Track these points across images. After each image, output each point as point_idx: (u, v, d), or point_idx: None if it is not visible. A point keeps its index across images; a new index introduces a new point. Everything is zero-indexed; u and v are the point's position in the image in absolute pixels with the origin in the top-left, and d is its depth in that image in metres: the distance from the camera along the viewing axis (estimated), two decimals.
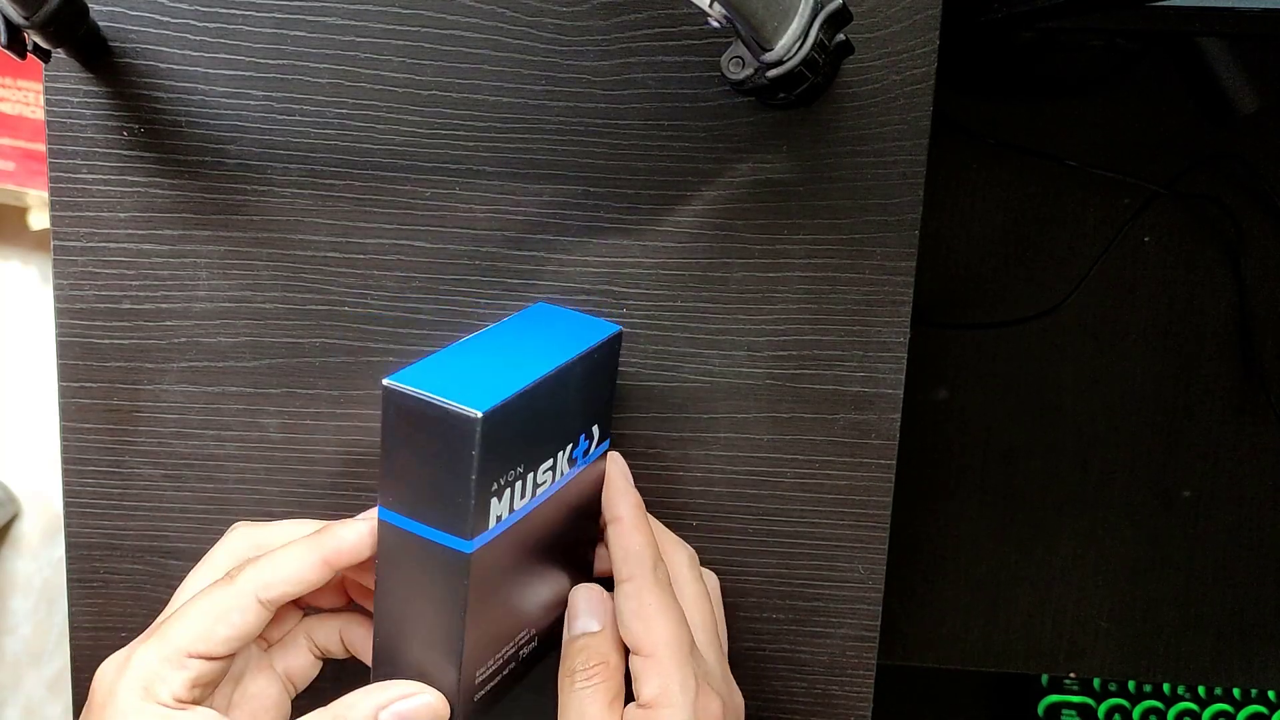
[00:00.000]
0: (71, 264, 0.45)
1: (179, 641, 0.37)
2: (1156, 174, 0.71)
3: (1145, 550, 0.75)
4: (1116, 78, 0.71)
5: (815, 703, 0.48)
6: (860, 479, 0.47)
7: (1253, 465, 0.74)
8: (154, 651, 0.38)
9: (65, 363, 0.46)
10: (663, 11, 0.44)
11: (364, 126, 0.45)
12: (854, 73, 0.44)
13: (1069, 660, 0.76)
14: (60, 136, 0.44)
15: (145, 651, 0.38)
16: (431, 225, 0.45)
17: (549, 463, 0.39)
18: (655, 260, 0.45)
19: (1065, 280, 0.73)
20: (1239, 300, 0.73)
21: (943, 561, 0.75)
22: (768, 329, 0.46)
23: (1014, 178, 0.73)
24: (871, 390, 0.46)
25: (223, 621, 0.38)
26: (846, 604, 0.48)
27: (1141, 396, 0.74)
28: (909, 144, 0.44)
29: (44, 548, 1.30)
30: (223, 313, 0.46)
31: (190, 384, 0.46)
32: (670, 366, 0.46)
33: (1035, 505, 0.75)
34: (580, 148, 0.45)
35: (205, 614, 0.38)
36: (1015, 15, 0.54)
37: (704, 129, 0.44)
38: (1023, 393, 0.74)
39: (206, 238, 0.45)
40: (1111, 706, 0.81)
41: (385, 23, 0.44)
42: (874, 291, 0.45)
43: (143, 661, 0.37)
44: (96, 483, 0.47)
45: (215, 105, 0.44)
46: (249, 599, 0.38)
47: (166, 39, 0.44)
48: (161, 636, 0.38)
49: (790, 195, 0.45)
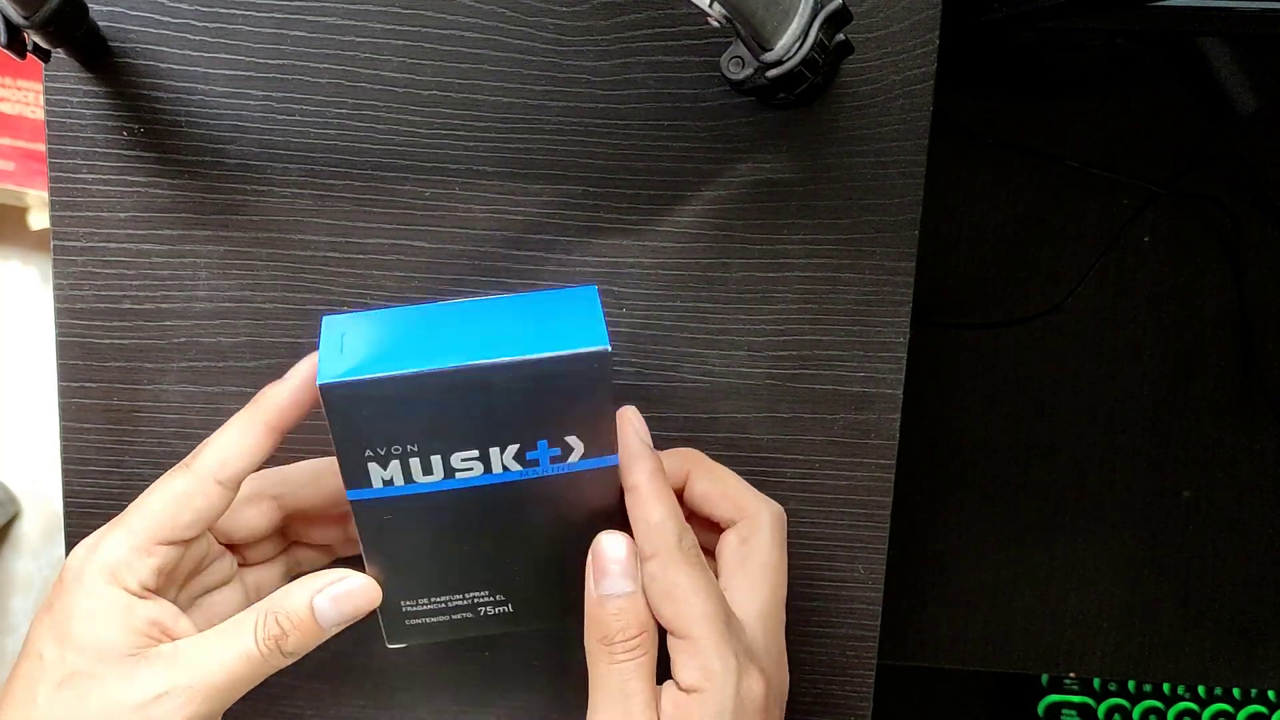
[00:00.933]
0: (71, 264, 0.45)
1: (145, 529, 0.38)
2: (1156, 174, 0.71)
3: (1145, 550, 0.75)
4: (1116, 78, 0.71)
5: (815, 703, 0.48)
6: (860, 479, 0.47)
7: (1252, 465, 0.74)
8: (122, 539, 0.38)
9: (65, 363, 0.46)
10: (663, 11, 0.44)
11: (364, 126, 0.45)
12: (854, 73, 0.44)
13: (1069, 660, 0.76)
14: (60, 136, 0.44)
15: (113, 539, 0.38)
16: (431, 225, 0.45)
17: (470, 453, 0.38)
18: (655, 260, 0.45)
19: (1065, 280, 0.73)
20: (1239, 300, 0.73)
21: (943, 561, 0.75)
22: (768, 329, 0.46)
23: (1014, 178, 0.73)
24: (872, 390, 0.46)
25: (185, 507, 0.38)
26: (846, 604, 0.48)
27: (1141, 396, 0.74)
28: (909, 144, 0.44)
29: (44, 548, 1.30)
30: (222, 313, 0.46)
31: (190, 384, 0.46)
32: (670, 366, 0.46)
33: (1035, 505, 0.75)
34: (580, 148, 0.45)
35: (167, 501, 0.39)
36: (1015, 15, 0.54)
37: (704, 129, 0.44)
38: (1023, 393, 0.74)
39: (206, 238, 0.45)
40: (1111, 706, 0.81)
41: (385, 23, 0.44)
42: (874, 291, 0.45)
43: (110, 548, 0.38)
44: (96, 483, 0.47)
45: (215, 105, 0.44)
46: (208, 482, 0.39)
47: (166, 39, 0.44)
48: (127, 525, 0.39)
49: (790, 195, 0.45)
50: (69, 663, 0.37)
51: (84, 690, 0.37)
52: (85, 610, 0.38)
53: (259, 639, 0.38)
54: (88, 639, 0.37)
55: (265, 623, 0.38)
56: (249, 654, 0.38)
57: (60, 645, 0.37)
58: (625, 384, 0.46)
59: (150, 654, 0.37)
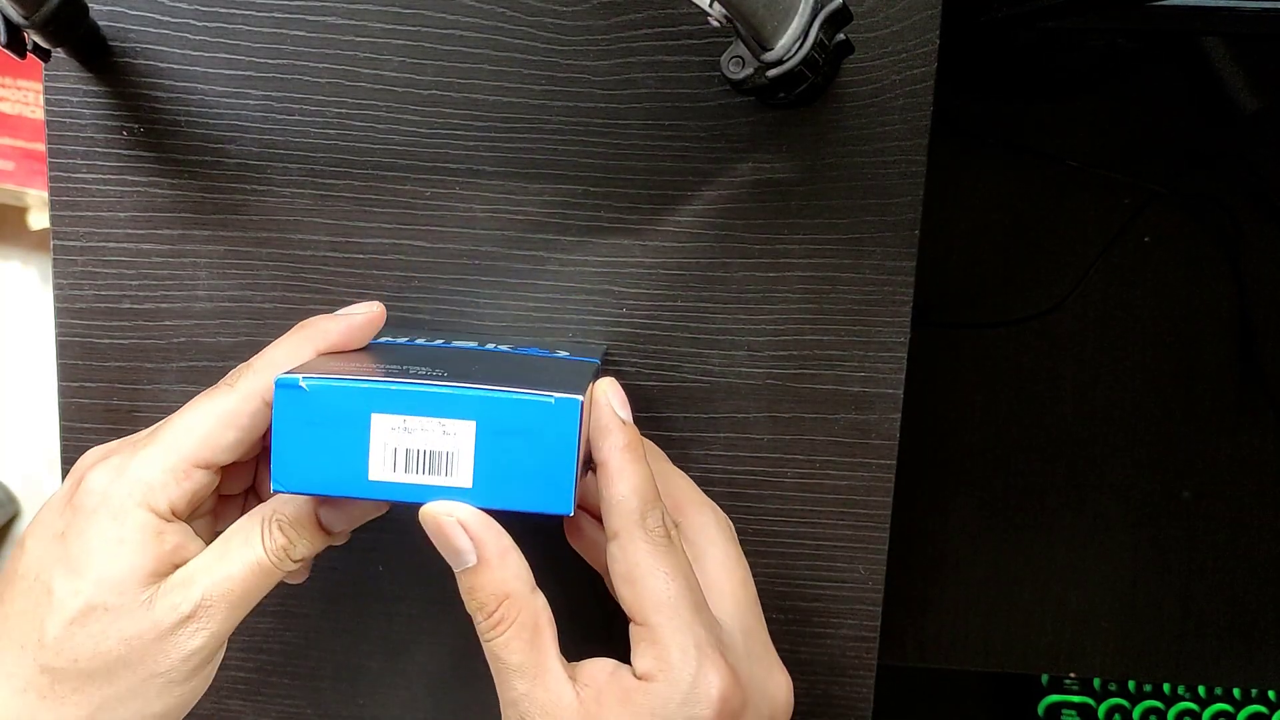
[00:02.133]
0: (71, 264, 0.45)
1: (182, 449, 0.36)
2: (1156, 174, 0.71)
3: (1145, 550, 0.75)
4: (1116, 78, 0.71)
5: (815, 703, 0.48)
6: (860, 479, 0.47)
7: (1253, 465, 0.74)
8: (155, 459, 0.36)
9: (65, 363, 0.46)
10: (663, 11, 0.44)
11: (364, 126, 0.45)
12: (854, 73, 0.44)
13: (1069, 660, 0.76)
14: (60, 136, 0.44)
15: (145, 458, 0.36)
16: (431, 225, 0.45)
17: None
18: (655, 260, 0.45)
19: (1065, 280, 0.73)
20: (1239, 300, 0.73)
21: (943, 561, 0.75)
22: (768, 329, 0.46)
23: (1014, 178, 0.73)
24: (872, 390, 0.46)
25: (230, 425, 0.36)
26: (846, 604, 0.48)
27: (1141, 396, 0.74)
28: (909, 144, 0.44)
29: None
30: (222, 312, 0.46)
31: (190, 384, 0.46)
32: (670, 366, 0.46)
33: (1035, 505, 0.75)
34: (580, 148, 0.45)
35: (211, 420, 0.36)
36: (1015, 15, 0.54)
37: (704, 129, 0.44)
38: (1023, 393, 0.74)
39: (206, 237, 0.45)
40: (1111, 706, 0.81)
41: (385, 23, 0.44)
42: (874, 291, 0.45)
43: (143, 468, 0.36)
44: None
45: (215, 105, 0.44)
46: (254, 401, 0.37)
47: (166, 38, 0.44)
48: (162, 443, 0.36)
49: (790, 195, 0.45)
50: (84, 595, 0.35)
51: (102, 626, 0.35)
52: (112, 537, 0.35)
53: (267, 549, 0.36)
54: (109, 569, 0.35)
55: (270, 532, 0.37)
56: (260, 564, 0.36)
57: (75, 576, 0.35)
58: (626, 384, 0.46)
59: (167, 581, 0.36)
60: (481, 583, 0.35)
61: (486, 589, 0.35)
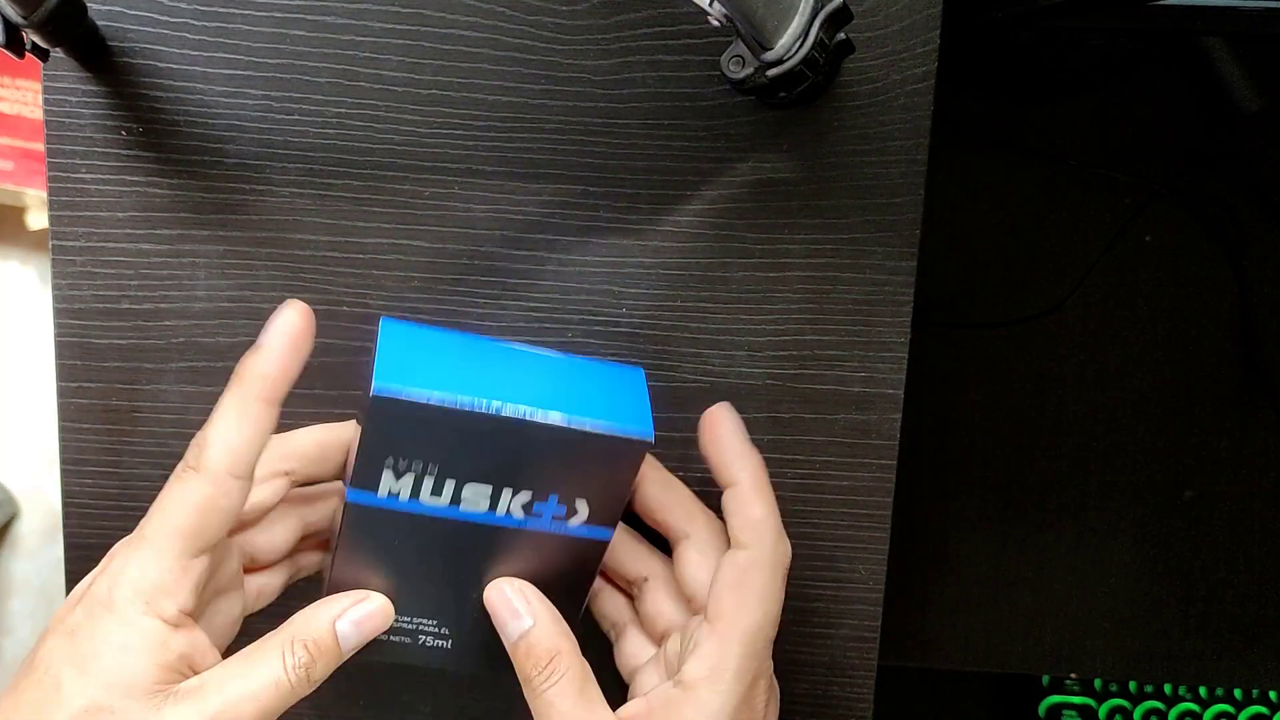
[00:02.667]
0: (70, 264, 0.45)
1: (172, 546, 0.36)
2: (1156, 174, 0.71)
3: (1147, 550, 0.75)
4: (1117, 78, 0.71)
5: (815, 703, 0.48)
6: (860, 479, 0.46)
7: (1254, 465, 0.74)
8: (150, 559, 0.36)
9: (64, 363, 0.46)
10: (663, 11, 0.44)
11: (364, 126, 0.44)
12: (854, 72, 0.44)
13: (1070, 660, 0.76)
14: (59, 136, 0.44)
15: (141, 559, 0.36)
16: (431, 225, 0.45)
17: (483, 488, 0.39)
18: (655, 260, 0.45)
19: (1066, 280, 0.73)
20: (1240, 300, 0.73)
21: (943, 561, 0.75)
22: (768, 329, 0.46)
23: (1014, 178, 0.73)
24: (872, 390, 0.46)
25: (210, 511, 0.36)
26: (846, 604, 0.47)
27: (1142, 396, 0.74)
28: (909, 144, 0.44)
29: (43, 548, 1.30)
30: (221, 312, 0.46)
31: (189, 384, 0.46)
32: (670, 366, 0.46)
33: (1035, 505, 0.75)
34: (580, 148, 0.45)
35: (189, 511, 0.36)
36: (1015, 15, 0.54)
37: (704, 128, 0.44)
38: (1023, 393, 0.74)
39: (205, 237, 0.45)
40: (1112, 707, 0.81)
41: (385, 22, 0.44)
42: (875, 291, 0.45)
43: (140, 569, 0.36)
44: (95, 483, 0.47)
45: (214, 105, 0.44)
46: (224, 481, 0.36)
47: (165, 38, 0.44)
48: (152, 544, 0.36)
49: (791, 194, 0.45)
50: (90, 695, 0.35)
51: None
52: (117, 643, 0.35)
53: (288, 668, 0.36)
54: (115, 673, 0.35)
55: (294, 650, 0.37)
56: (278, 683, 0.36)
57: (82, 675, 0.35)
58: None
59: (178, 690, 0.36)
60: (538, 638, 0.39)
61: (542, 644, 0.39)
